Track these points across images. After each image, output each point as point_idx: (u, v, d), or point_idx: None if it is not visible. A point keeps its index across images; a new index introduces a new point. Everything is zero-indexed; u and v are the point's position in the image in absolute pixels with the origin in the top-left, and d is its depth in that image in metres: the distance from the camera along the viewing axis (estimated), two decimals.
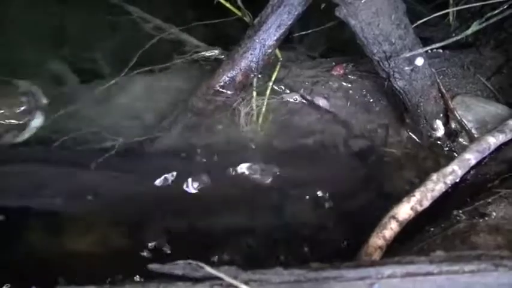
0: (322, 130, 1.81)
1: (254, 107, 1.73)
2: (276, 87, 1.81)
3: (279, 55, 1.84)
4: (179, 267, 0.79)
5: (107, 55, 2.11)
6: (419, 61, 1.59)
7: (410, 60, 1.59)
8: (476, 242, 1.04)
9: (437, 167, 1.37)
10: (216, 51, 1.82)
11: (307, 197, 1.59)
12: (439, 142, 1.77)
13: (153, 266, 0.81)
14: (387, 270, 0.74)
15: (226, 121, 1.77)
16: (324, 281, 0.75)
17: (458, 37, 1.55)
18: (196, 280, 0.77)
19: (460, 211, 1.18)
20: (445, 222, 1.17)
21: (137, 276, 1.20)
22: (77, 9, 2.18)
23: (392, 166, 1.74)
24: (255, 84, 1.78)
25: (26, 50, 2.01)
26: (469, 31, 1.49)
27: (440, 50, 1.92)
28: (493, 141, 1.25)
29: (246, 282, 0.74)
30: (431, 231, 1.15)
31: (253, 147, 1.74)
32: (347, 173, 1.71)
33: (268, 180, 1.63)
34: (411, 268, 0.74)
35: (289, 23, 1.67)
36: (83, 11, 2.18)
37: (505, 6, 1.43)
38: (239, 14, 1.78)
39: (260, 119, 1.77)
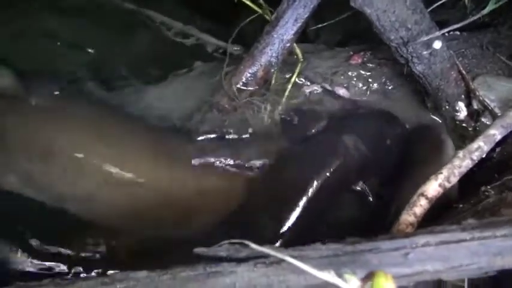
0: None
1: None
2: (297, 80, 1.85)
3: (300, 54, 1.86)
4: (223, 249, 0.83)
5: (128, 62, 2.16)
6: (437, 44, 1.60)
7: (428, 44, 1.61)
8: (507, 214, 1.05)
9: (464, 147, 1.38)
10: (237, 49, 1.86)
11: None
12: (463, 124, 1.78)
13: (199, 250, 0.86)
14: (421, 239, 0.77)
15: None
16: (360, 254, 0.78)
17: (475, 17, 1.56)
18: (241, 260, 0.81)
19: (489, 187, 1.20)
20: (474, 199, 1.19)
21: None
22: (95, 17, 2.23)
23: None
24: (274, 80, 1.81)
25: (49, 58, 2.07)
26: (485, 10, 1.50)
27: (458, 32, 1.91)
28: None
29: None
30: (460, 208, 1.18)
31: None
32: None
33: None
34: (444, 236, 0.77)
35: (306, 16, 1.71)
36: (101, 19, 2.22)
37: None
38: (260, 11, 1.81)
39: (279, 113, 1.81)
